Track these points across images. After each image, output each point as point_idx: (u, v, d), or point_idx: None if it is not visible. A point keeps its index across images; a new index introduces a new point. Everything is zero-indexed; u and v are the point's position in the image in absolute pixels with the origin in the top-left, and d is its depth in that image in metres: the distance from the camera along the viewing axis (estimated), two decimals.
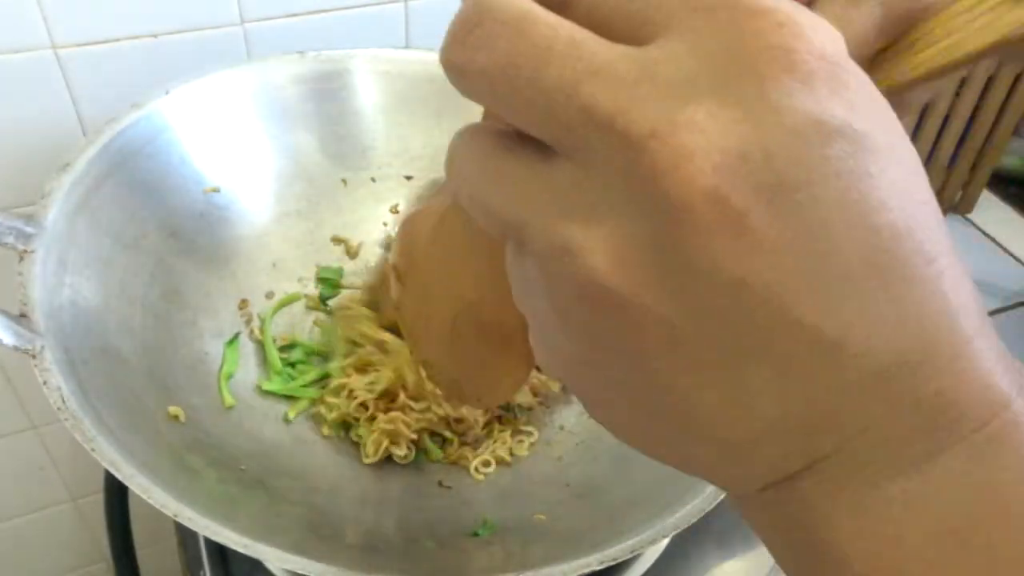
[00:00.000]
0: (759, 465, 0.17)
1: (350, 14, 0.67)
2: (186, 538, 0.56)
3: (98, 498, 0.65)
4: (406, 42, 0.70)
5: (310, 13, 0.65)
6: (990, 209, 0.98)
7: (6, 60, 0.58)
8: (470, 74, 0.17)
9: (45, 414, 0.79)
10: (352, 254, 0.64)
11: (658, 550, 0.53)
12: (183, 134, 0.57)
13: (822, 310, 0.15)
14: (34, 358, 0.40)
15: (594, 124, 0.15)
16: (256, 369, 0.57)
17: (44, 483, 0.85)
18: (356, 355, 0.57)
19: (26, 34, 0.57)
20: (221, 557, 0.54)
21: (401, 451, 0.54)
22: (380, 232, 0.65)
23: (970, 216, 0.97)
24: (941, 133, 0.90)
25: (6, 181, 0.63)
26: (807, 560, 0.17)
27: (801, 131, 0.14)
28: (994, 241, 0.94)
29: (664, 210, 0.14)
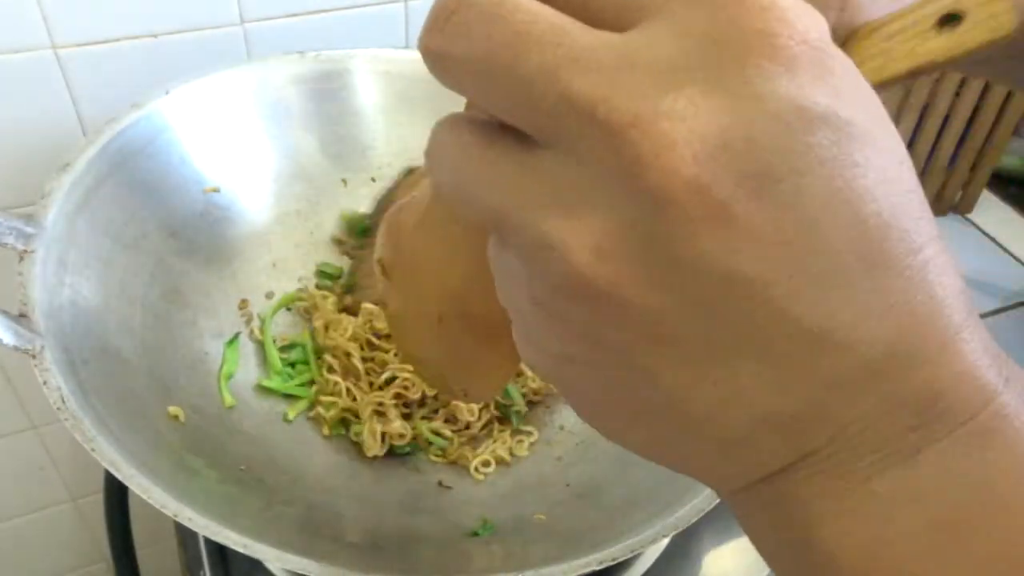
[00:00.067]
0: (747, 460, 0.17)
1: (350, 14, 0.67)
2: (186, 538, 0.56)
3: (98, 498, 0.65)
4: (406, 42, 0.70)
5: (310, 13, 0.65)
6: (990, 209, 0.98)
7: (6, 60, 0.58)
8: (448, 62, 0.16)
9: (45, 414, 0.79)
10: (352, 254, 0.64)
11: (658, 550, 0.53)
12: (183, 134, 0.57)
13: (808, 301, 0.15)
14: (34, 358, 0.40)
15: (574, 113, 0.15)
16: (256, 369, 0.57)
17: (44, 483, 0.85)
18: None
19: (26, 34, 0.57)
20: (221, 557, 0.54)
21: (395, 426, 0.53)
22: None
23: (970, 216, 0.97)
24: (941, 133, 0.90)
25: (6, 181, 0.63)
26: (797, 555, 0.17)
27: (784, 118, 0.14)
28: (994, 241, 0.94)
29: (646, 201, 0.14)
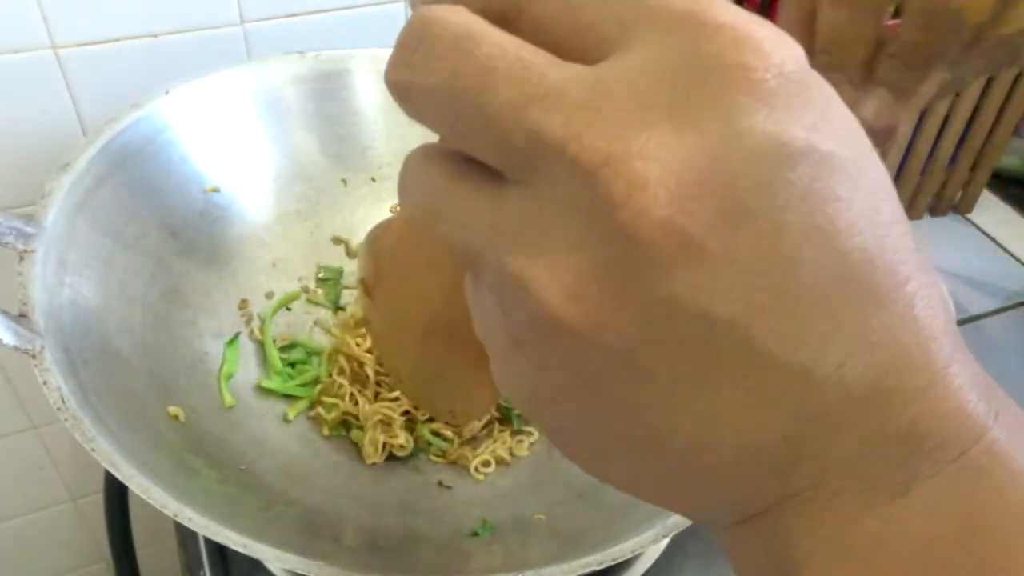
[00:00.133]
0: (730, 499, 0.16)
1: (350, 14, 0.67)
2: (186, 538, 0.56)
3: (98, 498, 0.65)
4: None
5: (310, 13, 0.65)
6: (990, 209, 0.98)
7: (6, 60, 0.58)
8: (414, 96, 0.16)
9: (45, 414, 0.79)
10: (352, 254, 0.64)
11: (658, 550, 0.53)
12: (183, 134, 0.57)
13: (789, 339, 0.14)
14: (34, 358, 0.40)
15: (543, 151, 0.14)
16: (256, 369, 0.57)
17: (44, 483, 0.85)
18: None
19: (26, 34, 0.57)
20: (221, 557, 0.54)
21: (399, 439, 0.53)
22: None
23: (970, 216, 0.97)
24: (941, 133, 0.90)
25: (6, 181, 0.63)
26: None
27: (762, 154, 0.13)
28: (994, 241, 0.94)
29: (618, 242, 0.14)
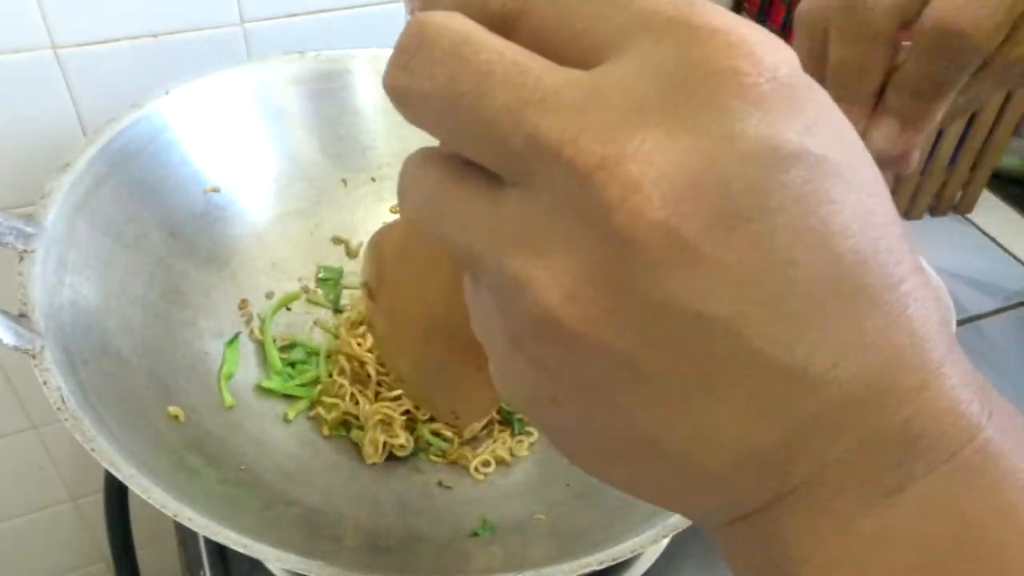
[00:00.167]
0: (727, 499, 0.16)
1: (350, 14, 0.67)
2: (186, 538, 0.56)
3: (98, 498, 0.65)
4: None
5: (310, 13, 0.65)
6: (990, 209, 0.98)
7: (6, 60, 0.58)
8: (412, 101, 0.16)
9: (45, 414, 0.79)
10: (352, 254, 0.64)
11: (658, 550, 0.53)
12: (183, 134, 0.57)
13: (784, 340, 0.14)
14: (34, 358, 0.40)
15: (540, 155, 0.14)
16: (256, 369, 0.57)
17: (44, 483, 0.85)
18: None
19: (26, 34, 0.57)
20: (221, 557, 0.54)
21: (399, 439, 0.53)
22: None
23: (970, 216, 0.97)
24: (941, 133, 0.90)
25: (6, 181, 0.63)
26: None
27: (755, 157, 0.14)
28: (994, 241, 0.94)
29: (614, 244, 0.14)
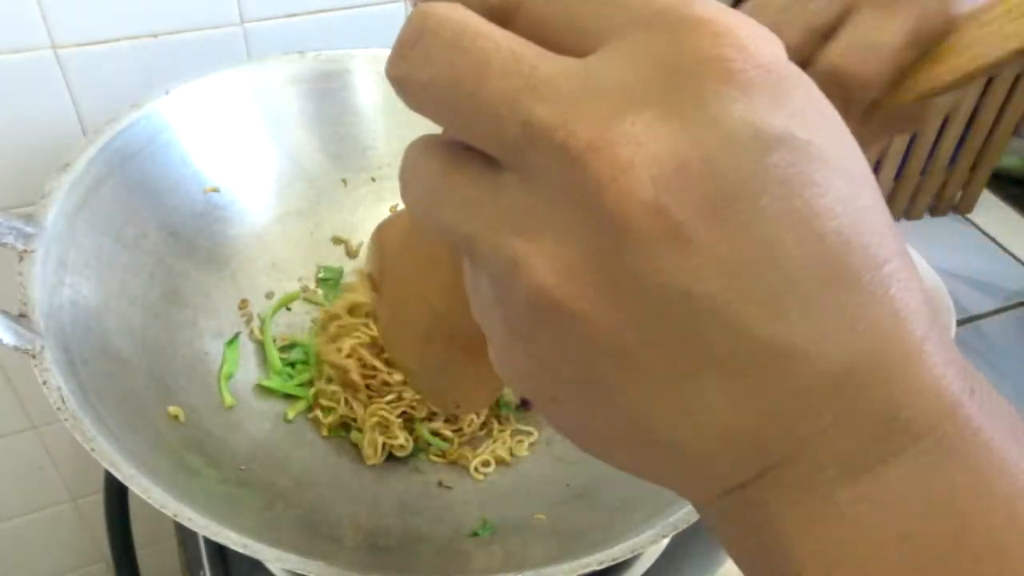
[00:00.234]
0: (713, 473, 0.17)
1: (350, 14, 0.67)
2: (186, 538, 0.56)
3: (98, 498, 0.65)
4: None
5: (310, 13, 0.65)
6: (990, 209, 0.98)
7: (6, 60, 0.58)
8: (413, 89, 0.17)
9: (45, 414, 0.79)
10: (352, 254, 0.64)
11: (658, 550, 0.53)
12: (183, 134, 0.57)
13: (768, 319, 0.15)
14: (34, 358, 0.40)
15: (534, 139, 0.15)
16: (256, 369, 0.57)
17: (44, 483, 0.85)
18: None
19: (26, 34, 0.57)
20: (221, 557, 0.54)
21: (398, 440, 0.53)
22: None
23: (970, 216, 0.97)
24: (941, 133, 0.90)
25: (6, 181, 0.63)
26: (763, 566, 0.17)
27: (741, 141, 0.14)
28: (994, 241, 0.94)
29: (605, 224, 0.14)
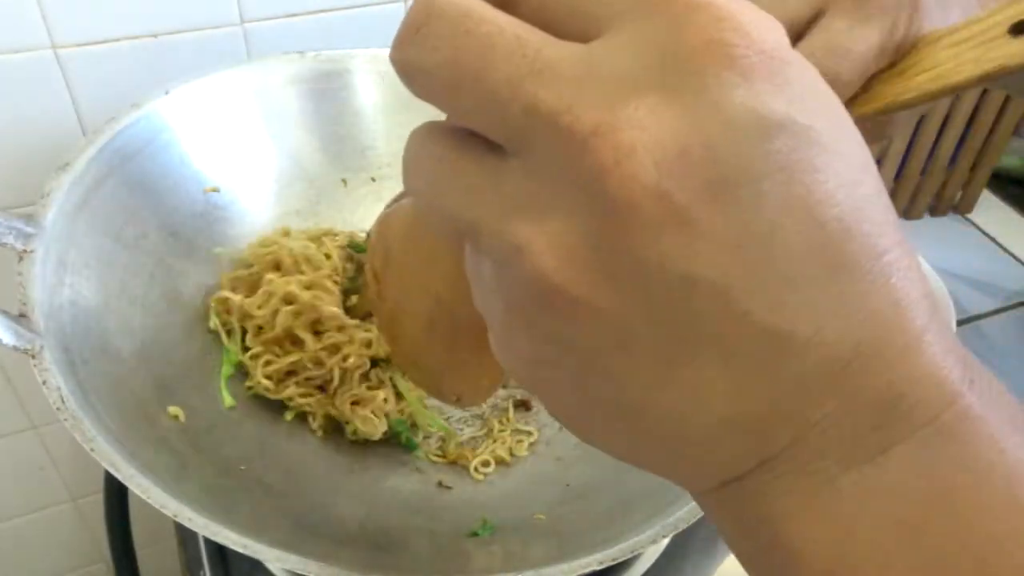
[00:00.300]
0: (714, 461, 0.17)
1: (350, 14, 0.67)
2: (186, 538, 0.56)
3: (98, 498, 0.65)
4: None
5: (310, 13, 0.65)
6: (990, 209, 0.98)
7: (6, 60, 0.58)
8: (417, 74, 0.17)
9: (45, 414, 0.79)
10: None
11: (658, 550, 0.53)
12: (183, 134, 0.57)
13: (769, 305, 0.15)
14: (34, 358, 0.40)
15: (538, 123, 0.15)
16: None
17: (44, 483, 0.85)
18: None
19: (26, 34, 0.57)
20: (221, 557, 0.54)
21: (378, 401, 0.53)
22: None
23: (970, 216, 0.97)
24: (941, 133, 0.90)
25: (6, 181, 0.63)
26: (764, 554, 0.17)
27: (742, 126, 0.14)
28: (994, 241, 0.94)
29: (608, 207, 0.14)
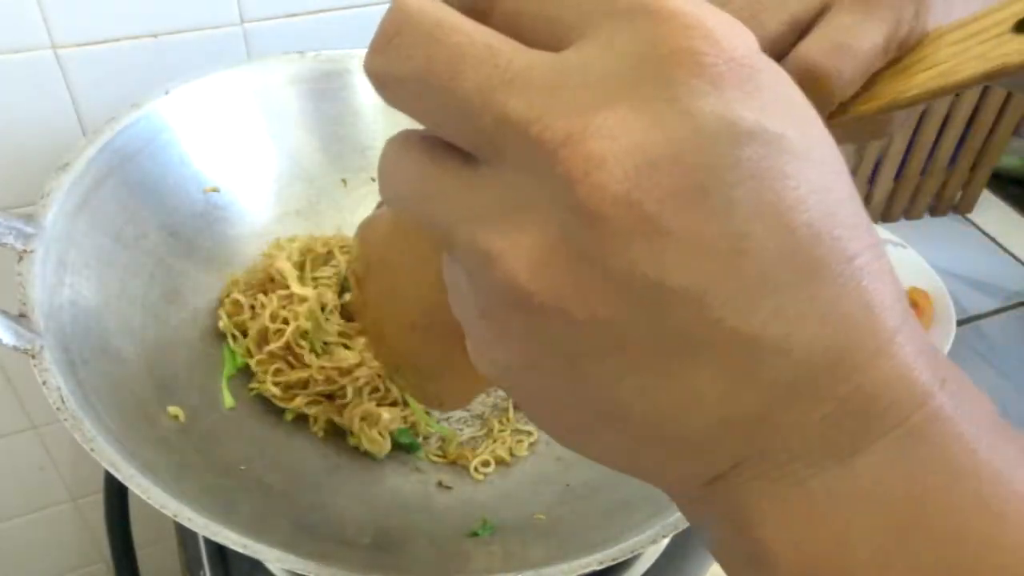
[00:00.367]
0: (689, 464, 0.17)
1: (350, 14, 0.67)
2: (186, 538, 0.56)
3: (98, 498, 0.65)
4: None
5: (310, 13, 0.65)
6: (990, 209, 0.98)
7: (6, 60, 0.58)
8: (390, 83, 0.17)
9: (45, 414, 0.79)
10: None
11: (658, 550, 0.53)
12: (183, 134, 0.57)
13: (741, 310, 0.15)
14: (34, 358, 0.40)
15: (509, 132, 0.15)
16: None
17: (44, 483, 0.85)
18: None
19: (26, 34, 0.57)
20: (221, 557, 0.54)
21: (384, 420, 0.53)
22: None
23: (970, 216, 0.97)
24: (941, 133, 0.90)
25: (6, 181, 0.63)
26: (740, 558, 0.17)
27: (712, 134, 0.14)
28: (994, 241, 0.94)
29: (578, 217, 0.14)
